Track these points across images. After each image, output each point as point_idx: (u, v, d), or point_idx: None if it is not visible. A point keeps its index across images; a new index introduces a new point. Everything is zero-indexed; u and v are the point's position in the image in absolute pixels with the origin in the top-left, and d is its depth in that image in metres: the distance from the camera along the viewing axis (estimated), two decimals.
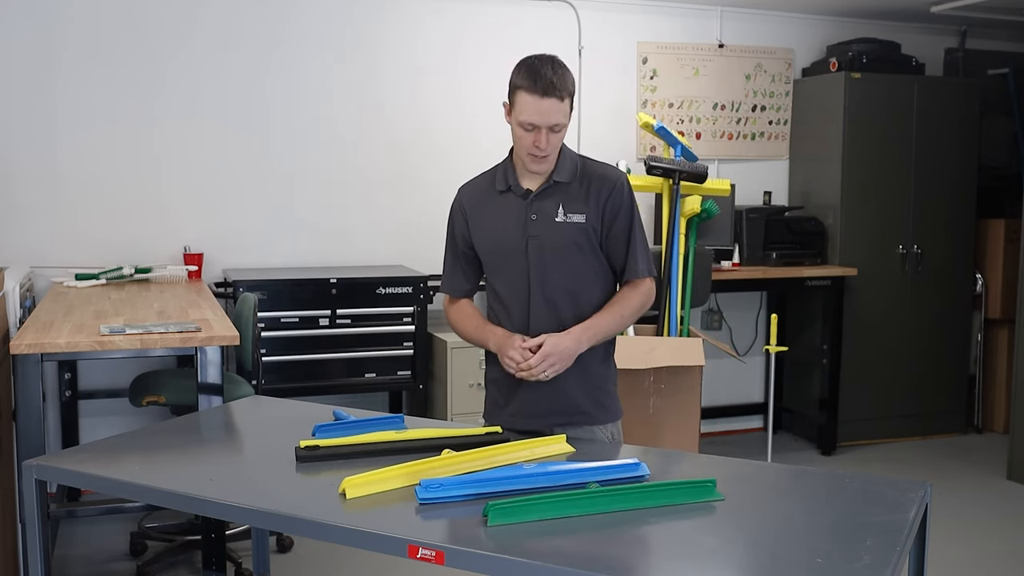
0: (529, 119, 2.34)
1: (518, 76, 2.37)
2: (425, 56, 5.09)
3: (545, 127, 2.34)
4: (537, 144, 2.35)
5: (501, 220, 2.48)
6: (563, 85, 2.34)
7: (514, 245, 2.45)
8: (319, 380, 4.51)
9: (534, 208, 2.44)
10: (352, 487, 1.93)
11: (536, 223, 2.44)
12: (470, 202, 2.54)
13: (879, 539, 1.70)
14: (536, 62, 2.36)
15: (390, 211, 5.08)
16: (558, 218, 2.44)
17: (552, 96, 2.32)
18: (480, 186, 2.56)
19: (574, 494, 1.85)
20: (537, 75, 2.33)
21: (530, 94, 2.33)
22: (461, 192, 2.59)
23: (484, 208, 2.51)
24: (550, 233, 2.43)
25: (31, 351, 2.88)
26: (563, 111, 2.35)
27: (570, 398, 2.48)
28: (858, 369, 5.62)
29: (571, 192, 2.45)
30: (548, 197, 2.45)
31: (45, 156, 4.51)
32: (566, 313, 2.45)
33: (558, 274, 2.44)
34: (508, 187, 2.48)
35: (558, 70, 2.35)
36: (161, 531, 4.05)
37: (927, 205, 5.72)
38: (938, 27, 6.10)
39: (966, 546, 4.16)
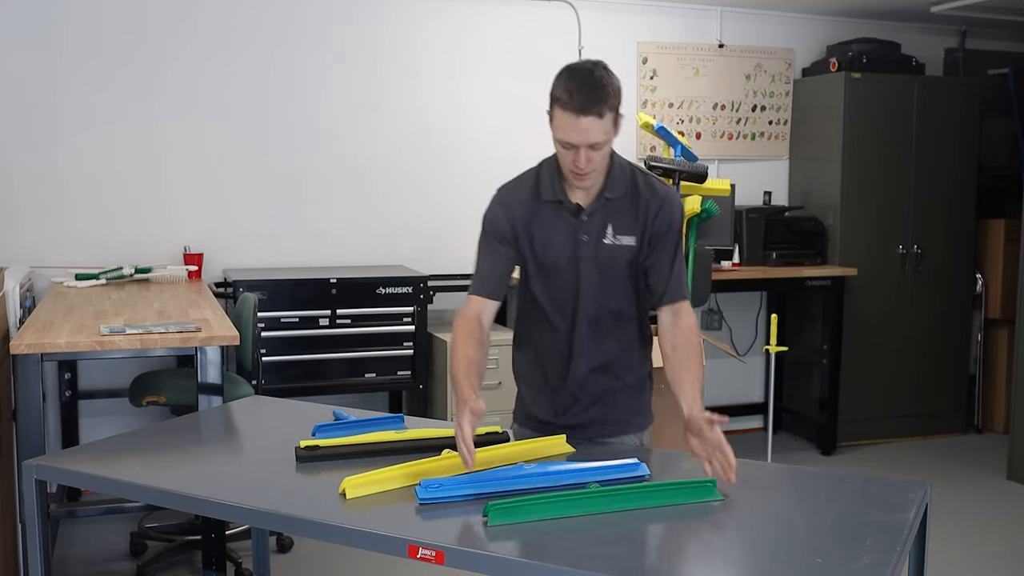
0: (566, 138, 2.16)
1: (556, 88, 2.17)
2: (425, 56, 5.09)
3: (584, 146, 2.15)
4: (576, 164, 2.18)
5: (551, 233, 2.32)
6: (603, 100, 2.13)
7: (563, 262, 2.32)
8: (319, 380, 4.51)
9: (584, 228, 2.29)
10: (352, 487, 1.93)
11: (586, 244, 2.30)
12: (519, 208, 2.33)
13: (879, 539, 1.70)
14: (575, 74, 2.17)
15: (390, 211, 5.08)
16: (607, 240, 2.30)
17: (590, 114, 2.12)
18: (525, 192, 2.35)
19: (574, 494, 1.85)
20: (573, 90, 2.13)
21: (565, 111, 2.14)
22: (505, 196, 2.37)
23: (533, 217, 2.33)
24: (600, 255, 2.30)
25: (31, 351, 2.88)
26: (603, 128, 2.15)
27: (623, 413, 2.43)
28: (858, 369, 5.62)
29: (621, 210, 2.30)
30: (599, 216, 2.30)
31: (45, 156, 4.51)
32: (607, 329, 2.37)
33: (603, 294, 2.34)
34: (558, 200, 2.30)
35: (599, 82, 2.15)
36: (161, 531, 4.05)
37: (927, 205, 5.72)
38: (938, 27, 6.10)
39: (966, 546, 4.16)
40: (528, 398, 2.48)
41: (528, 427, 2.46)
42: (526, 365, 2.48)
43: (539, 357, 2.43)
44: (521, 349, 2.49)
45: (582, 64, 2.20)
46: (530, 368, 2.46)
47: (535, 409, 2.45)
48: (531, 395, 2.47)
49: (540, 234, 2.33)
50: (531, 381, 2.46)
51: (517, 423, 2.52)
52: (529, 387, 2.47)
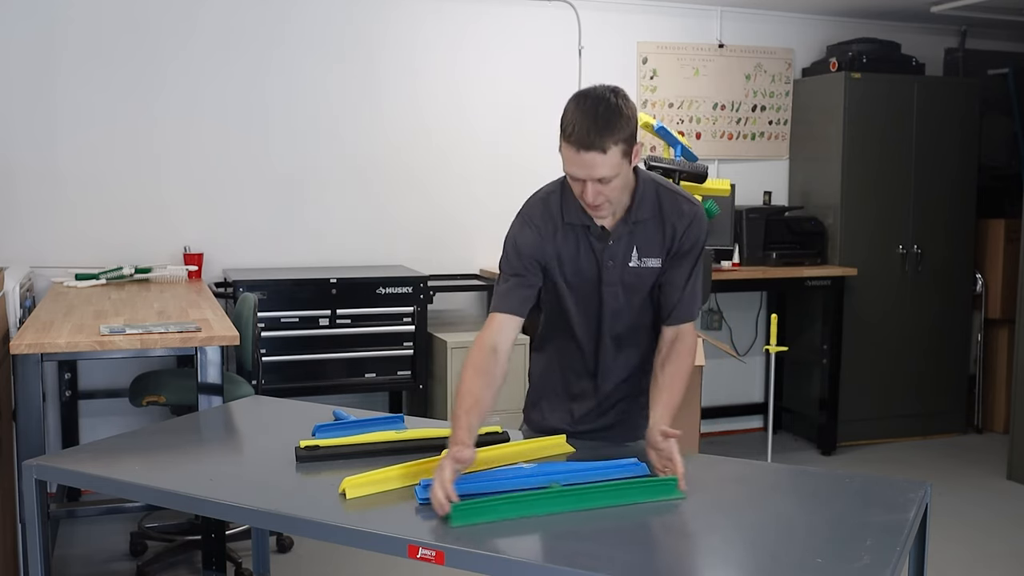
0: (570, 171, 2.08)
1: (564, 117, 2.05)
2: (425, 56, 5.09)
3: (590, 180, 2.06)
4: (584, 197, 2.11)
5: (576, 257, 2.26)
6: (608, 134, 2.00)
7: (588, 286, 2.28)
8: (319, 380, 4.51)
9: (610, 253, 2.23)
10: (352, 487, 1.93)
11: (611, 269, 2.24)
12: (547, 231, 2.25)
13: (879, 539, 1.70)
14: (582, 102, 2.04)
15: (390, 211, 5.08)
16: (632, 263, 2.24)
17: (592, 149, 2.00)
18: (551, 213, 2.26)
19: (537, 494, 1.85)
20: (578, 122, 2.01)
21: (568, 144, 2.03)
22: (533, 214, 2.27)
23: (558, 239, 2.25)
24: (625, 279, 2.26)
25: (31, 351, 2.88)
26: (609, 163, 2.02)
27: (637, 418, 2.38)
28: (858, 369, 5.62)
29: (648, 231, 2.24)
30: (624, 240, 2.23)
31: (45, 156, 4.51)
32: (631, 345, 2.35)
33: (628, 314, 2.31)
34: (584, 225, 2.22)
35: (605, 114, 2.01)
36: (161, 531, 4.05)
37: (927, 205, 5.72)
38: (938, 27, 6.10)
39: (966, 546, 4.16)
40: (546, 407, 2.44)
41: (539, 431, 2.44)
42: (547, 374, 2.44)
43: (562, 368, 2.40)
44: (543, 357, 2.45)
45: (592, 91, 2.07)
46: (551, 378, 2.43)
47: (552, 418, 2.42)
48: (550, 405, 2.44)
49: (566, 256, 2.26)
50: (551, 390, 2.43)
51: (531, 428, 2.49)
52: (548, 397, 2.44)
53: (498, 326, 2.21)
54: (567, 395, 2.41)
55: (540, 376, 2.47)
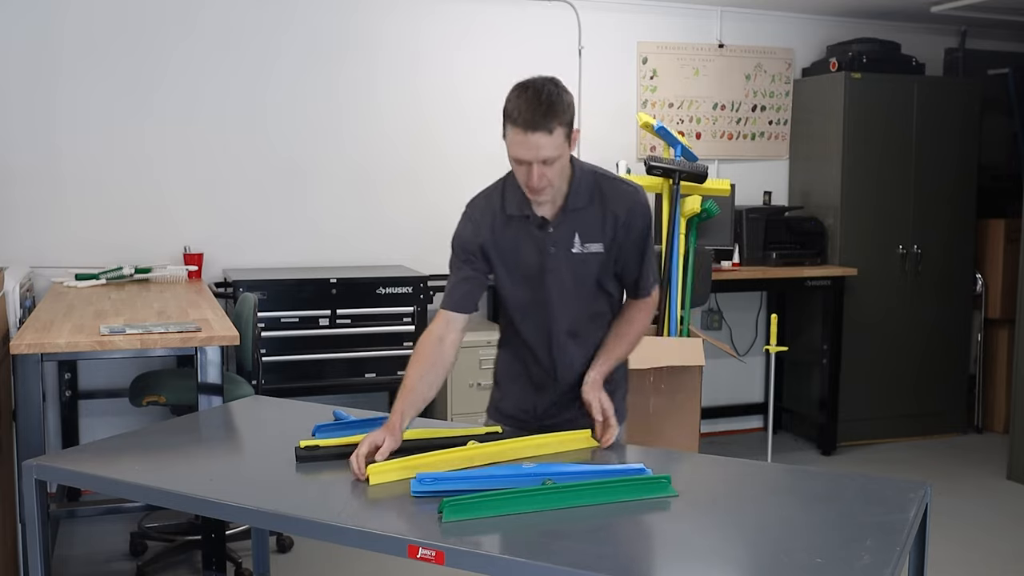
0: (517, 154, 2.17)
1: (507, 105, 2.17)
2: (425, 56, 5.09)
3: (535, 162, 2.16)
4: (528, 182, 2.20)
5: (519, 247, 2.34)
6: (553, 116, 2.13)
7: (532, 277, 2.35)
8: (319, 380, 4.51)
9: (551, 240, 2.31)
10: (376, 473, 1.97)
11: (554, 256, 2.32)
12: (487, 224, 2.36)
13: (879, 539, 1.70)
14: (525, 90, 2.16)
15: (390, 211, 5.08)
16: (575, 249, 2.31)
17: (539, 130, 2.12)
18: (492, 207, 2.38)
19: (528, 490, 1.86)
20: (523, 106, 2.13)
21: (515, 127, 2.14)
22: (473, 212, 2.41)
23: (501, 234, 2.36)
24: (569, 266, 2.32)
25: (31, 351, 2.88)
26: (553, 144, 2.14)
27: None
28: (858, 369, 5.62)
29: (588, 218, 2.31)
30: (565, 226, 2.31)
31: (45, 156, 4.51)
32: (586, 336, 2.39)
33: (577, 303, 2.36)
34: (524, 215, 2.32)
35: (549, 98, 2.13)
36: (161, 531, 4.05)
37: (927, 205, 5.72)
38: (938, 27, 6.10)
39: (966, 546, 4.16)
40: (509, 398, 2.51)
41: (504, 424, 2.49)
42: (509, 369, 2.52)
43: (522, 361, 2.47)
44: (505, 352, 2.53)
45: (533, 80, 2.19)
46: (512, 370, 2.50)
47: (515, 410, 2.49)
48: (513, 396, 2.50)
49: (508, 248, 2.36)
50: (513, 382, 2.50)
51: (492, 419, 2.55)
52: (511, 388, 2.51)
53: (444, 321, 2.36)
54: (530, 388, 2.46)
55: (502, 371, 2.54)
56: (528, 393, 2.47)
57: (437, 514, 1.79)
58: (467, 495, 1.82)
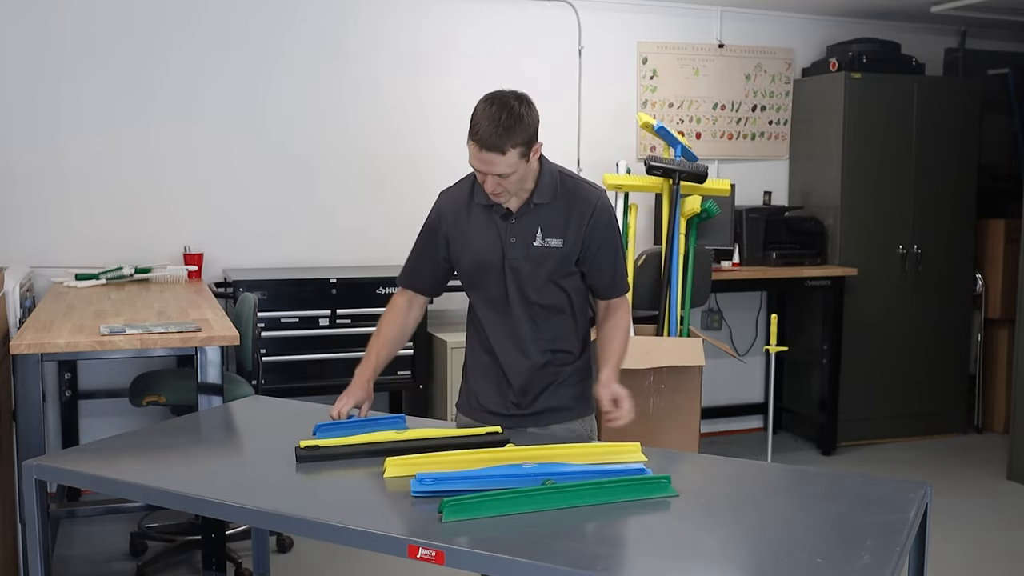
0: (473, 164, 2.33)
1: (472, 115, 2.32)
2: (425, 56, 5.09)
3: (488, 173, 2.29)
4: (487, 188, 2.34)
5: (481, 237, 2.45)
6: (507, 138, 2.23)
7: (493, 265, 2.44)
8: (319, 380, 4.51)
9: (513, 231, 2.42)
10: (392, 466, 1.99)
11: (514, 246, 2.41)
12: (452, 211, 2.50)
13: (879, 539, 1.70)
14: (489, 108, 2.27)
15: (390, 211, 5.07)
16: (536, 242, 2.40)
17: (492, 150, 2.25)
18: (461, 195, 2.51)
19: (528, 490, 1.86)
20: (482, 124, 2.26)
21: (472, 141, 2.29)
22: (443, 199, 2.56)
23: (465, 221, 2.48)
24: (527, 257, 2.41)
25: (31, 351, 2.88)
26: (506, 163, 2.26)
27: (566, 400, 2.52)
28: (858, 369, 5.62)
29: (551, 214, 2.41)
30: (527, 220, 2.41)
31: (45, 156, 4.51)
32: (543, 325, 2.47)
33: (536, 295, 2.44)
34: (490, 204, 2.43)
35: (506, 120, 2.23)
36: (161, 531, 4.05)
37: (927, 205, 5.72)
38: (938, 27, 6.10)
39: (966, 546, 4.16)
40: (480, 391, 2.56)
41: (477, 419, 2.54)
42: (475, 358, 2.59)
43: (486, 351, 2.54)
44: (470, 343, 2.62)
45: (500, 96, 2.30)
46: (479, 361, 2.56)
47: (487, 402, 2.54)
48: (482, 388, 2.56)
49: (471, 235, 2.46)
50: (482, 374, 2.56)
51: (463, 414, 2.61)
52: (480, 380, 2.56)
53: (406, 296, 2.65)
54: (496, 377, 2.52)
55: (471, 363, 2.61)
56: (495, 388, 2.52)
57: (437, 514, 1.79)
58: (467, 495, 1.82)
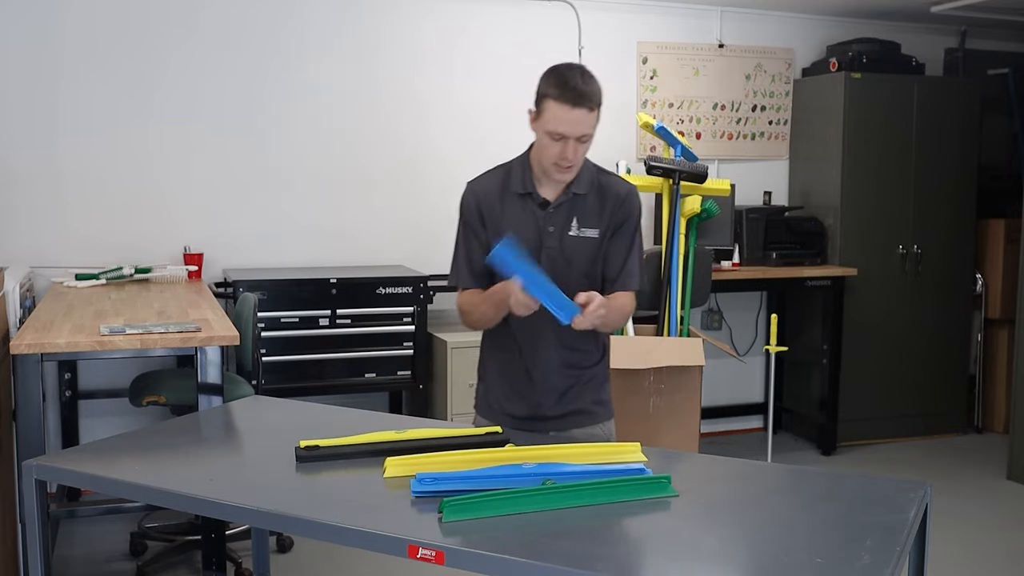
0: (557, 129, 2.29)
1: (547, 84, 2.31)
2: (424, 56, 5.09)
3: (573, 137, 2.29)
4: (564, 155, 2.31)
5: (518, 225, 2.42)
6: (593, 95, 2.30)
7: (529, 252, 2.37)
8: (319, 380, 4.51)
9: (551, 220, 2.42)
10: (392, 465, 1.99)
11: (552, 235, 2.42)
12: (487, 201, 2.46)
13: (879, 539, 1.70)
14: (566, 71, 2.31)
15: (390, 211, 5.08)
16: (571, 232, 2.42)
17: (582, 106, 2.27)
18: (494, 185, 2.48)
19: (528, 490, 1.85)
20: (567, 84, 2.27)
21: (559, 103, 2.27)
22: (475, 189, 2.51)
23: (499, 210, 2.45)
24: (563, 247, 2.42)
25: (31, 351, 2.88)
26: (591, 122, 2.31)
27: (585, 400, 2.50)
28: (858, 369, 5.62)
29: (587, 205, 2.43)
30: (564, 209, 2.43)
31: (45, 156, 4.51)
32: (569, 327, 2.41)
33: (566, 286, 2.37)
34: (527, 192, 2.43)
35: (588, 79, 2.30)
36: (161, 531, 4.05)
37: (927, 205, 5.72)
38: (938, 27, 6.10)
39: (966, 546, 4.16)
40: (501, 395, 2.53)
41: (497, 422, 2.49)
42: (495, 356, 2.55)
43: (508, 348, 2.50)
44: (490, 341, 2.56)
45: (569, 64, 2.35)
46: (499, 359, 2.52)
47: (509, 406, 2.51)
48: (503, 390, 2.52)
49: (505, 225, 2.43)
50: (502, 374, 2.52)
51: (483, 416, 2.57)
52: (500, 380, 2.53)
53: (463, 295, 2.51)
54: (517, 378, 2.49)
55: (490, 364, 2.56)
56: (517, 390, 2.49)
57: (437, 514, 1.79)
58: (467, 495, 1.82)
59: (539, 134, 2.35)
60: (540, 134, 2.34)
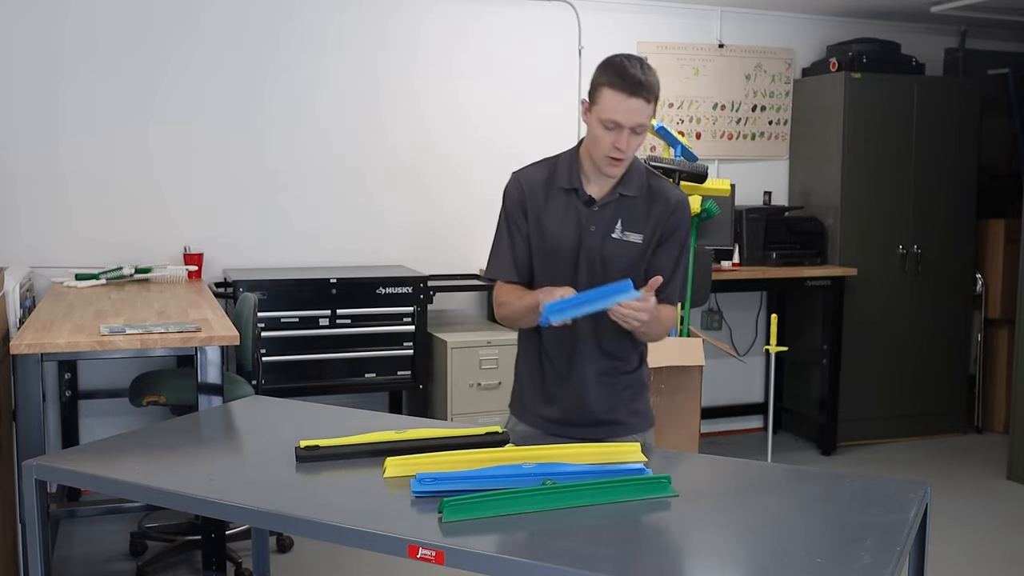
0: (612, 117, 2.23)
1: (604, 73, 2.27)
2: (425, 56, 5.09)
3: (628, 127, 2.24)
4: (617, 145, 2.25)
5: (559, 221, 2.36)
6: (652, 86, 2.26)
7: (567, 251, 2.36)
8: (319, 380, 4.51)
9: (594, 219, 2.35)
10: (392, 465, 1.99)
11: (593, 235, 2.34)
12: (531, 192, 2.39)
13: (879, 539, 1.70)
14: (625, 60, 2.27)
15: (390, 211, 5.08)
16: (615, 234, 2.34)
17: (639, 96, 2.23)
18: (540, 177, 2.41)
19: (528, 490, 1.85)
20: (626, 73, 2.23)
21: (616, 91, 2.23)
22: (520, 179, 2.42)
23: (543, 203, 2.38)
24: (604, 248, 2.34)
25: (31, 351, 2.88)
26: (647, 112, 2.26)
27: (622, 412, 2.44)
28: (858, 369, 5.62)
29: (633, 208, 2.36)
30: (610, 209, 2.35)
31: (45, 156, 4.51)
32: (605, 328, 2.35)
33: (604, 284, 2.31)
34: (574, 188, 2.36)
35: (647, 70, 2.26)
36: (161, 531, 4.05)
37: (927, 205, 5.72)
38: (938, 27, 6.10)
39: (966, 546, 4.16)
40: (536, 398, 2.46)
41: (531, 424, 2.45)
42: (532, 359, 2.47)
43: (546, 352, 2.43)
44: (526, 343, 2.49)
45: (628, 55, 2.30)
46: (536, 362, 2.45)
47: (544, 410, 2.44)
48: (539, 395, 2.45)
49: (548, 219, 2.36)
50: (537, 377, 2.45)
51: (516, 417, 2.51)
52: (535, 384, 2.46)
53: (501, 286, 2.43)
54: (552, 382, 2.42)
55: (525, 365, 2.50)
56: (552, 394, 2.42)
57: (437, 514, 1.79)
58: (467, 495, 1.82)
59: (592, 124, 2.28)
60: (593, 123, 2.28)
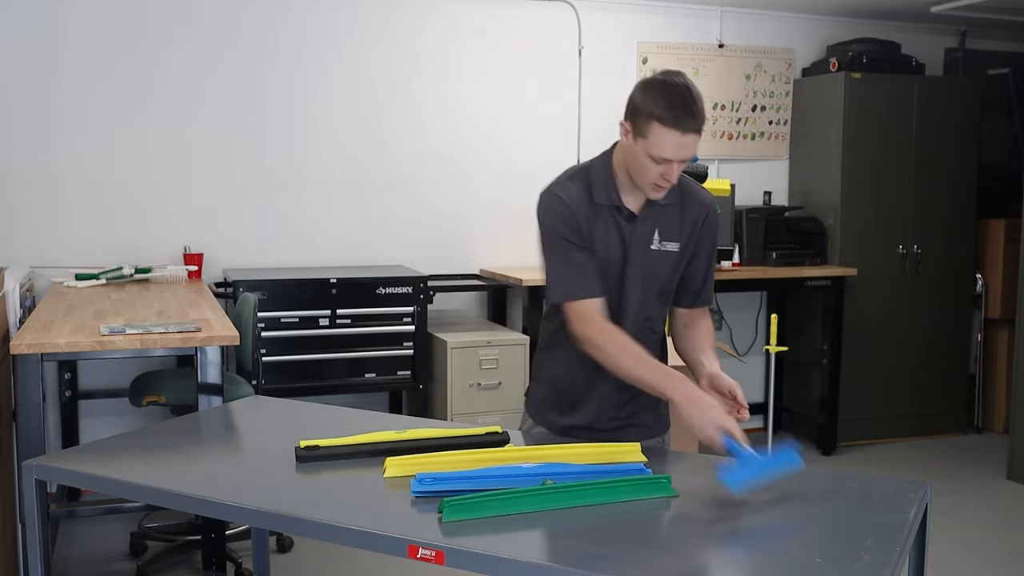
0: (663, 154, 2.14)
1: (653, 103, 2.14)
2: (424, 57, 5.09)
3: (678, 160, 2.16)
4: (667, 177, 2.18)
5: (604, 238, 2.28)
6: (703, 116, 2.19)
7: (615, 268, 2.30)
8: (319, 380, 4.51)
9: (635, 233, 2.29)
10: (392, 465, 1.98)
11: (635, 250, 2.29)
12: (579, 209, 2.27)
13: (879, 539, 1.70)
14: (674, 90, 2.16)
15: (390, 211, 5.08)
16: (653, 245, 2.30)
17: (691, 131, 2.15)
18: (580, 193, 2.29)
19: (528, 490, 1.85)
20: (680, 107, 2.14)
21: (668, 128, 2.13)
22: (562, 196, 2.28)
23: (589, 218, 2.28)
24: (646, 261, 2.30)
25: (31, 351, 2.88)
26: (698, 141, 2.20)
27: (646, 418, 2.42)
28: (858, 369, 5.62)
29: (668, 215, 2.31)
30: (648, 221, 2.30)
31: (45, 156, 4.51)
32: (647, 333, 2.34)
33: (645, 302, 2.33)
34: (615, 205, 2.28)
35: (697, 97, 2.17)
36: (161, 531, 4.05)
37: (927, 205, 5.72)
38: (938, 27, 6.10)
39: (966, 546, 4.16)
40: (556, 402, 2.43)
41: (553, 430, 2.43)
42: (554, 364, 2.43)
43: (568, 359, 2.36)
44: (560, 353, 2.39)
45: (673, 78, 2.20)
46: (558, 367, 2.41)
47: (567, 416, 2.41)
48: (558, 400, 2.42)
49: (595, 237, 2.28)
50: (558, 382, 2.42)
51: (532, 419, 2.47)
52: (555, 389, 2.43)
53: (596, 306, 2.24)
54: (583, 390, 2.38)
55: (552, 373, 2.44)
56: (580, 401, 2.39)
57: (437, 514, 1.79)
58: (467, 495, 1.82)
59: (638, 153, 2.17)
60: (640, 154, 2.17)
